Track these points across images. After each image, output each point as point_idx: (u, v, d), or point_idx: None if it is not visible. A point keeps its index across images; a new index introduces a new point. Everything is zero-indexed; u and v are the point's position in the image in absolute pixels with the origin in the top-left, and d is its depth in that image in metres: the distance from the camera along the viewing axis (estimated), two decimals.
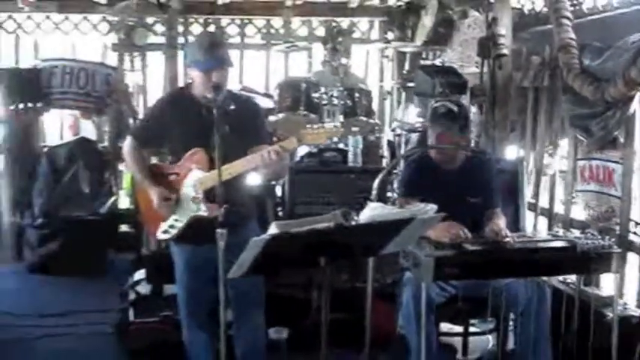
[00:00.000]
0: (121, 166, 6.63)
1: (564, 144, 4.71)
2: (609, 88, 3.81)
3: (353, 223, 2.76)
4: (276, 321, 4.13)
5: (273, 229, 2.64)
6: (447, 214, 3.00)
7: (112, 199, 6.47)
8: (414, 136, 5.72)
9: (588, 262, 3.39)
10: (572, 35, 4.32)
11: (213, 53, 3.48)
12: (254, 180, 3.70)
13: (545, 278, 3.73)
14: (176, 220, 3.56)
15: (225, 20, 7.01)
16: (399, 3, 6.88)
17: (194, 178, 3.50)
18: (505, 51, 4.95)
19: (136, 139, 3.69)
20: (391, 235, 2.96)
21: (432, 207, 2.96)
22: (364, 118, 5.35)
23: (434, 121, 3.74)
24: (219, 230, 3.12)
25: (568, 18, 4.36)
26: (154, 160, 4.05)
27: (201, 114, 3.52)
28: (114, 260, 6.10)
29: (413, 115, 5.99)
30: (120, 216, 6.42)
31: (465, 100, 5.17)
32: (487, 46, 4.99)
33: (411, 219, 2.92)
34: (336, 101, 5.16)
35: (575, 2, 4.79)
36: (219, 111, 3.36)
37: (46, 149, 6.51)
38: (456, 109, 3.69)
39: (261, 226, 3.64)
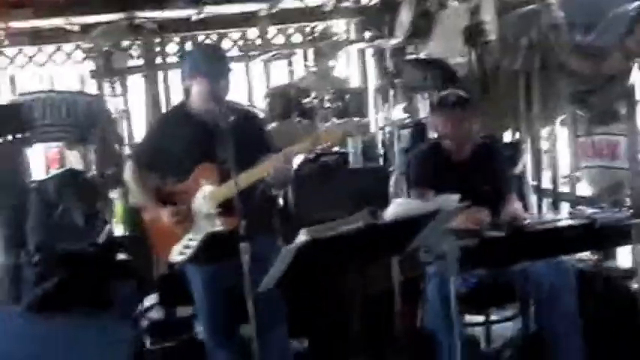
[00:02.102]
0: (112, 194, 6.52)
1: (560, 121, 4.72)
2: (607, 62, 3.82)
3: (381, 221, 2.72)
4: (295, 331, 4.07)
5: (303, 236, 2.58)
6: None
7: (107, 228, 6.34)
8: (406, 132, 5.69)
9: (609, 236, 3.39)
10: (561, 13, 4.33)
11: (215, 63, 3.43)
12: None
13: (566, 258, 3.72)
14: (190, 240, 3.48)
15: (200, 37, 6.93)
16: (374, 1, 6.87)
17: (205, 193, 3.43)
18: (492, 37, 4.95)
19: (138, 163, 3.62)
20: (418, 229, 2.93)
21: (455, 197, 2.93)
22: (357, 119, 5.31)
23: (444, 110, 3.70)
24: (242, 244, 3.05)
25: None
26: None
27: (204, 128, 3.46)
28: (116, 290, 5.97)
29: (399, 111, 5.98)
30: (117, 244, 6.29)
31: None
32: (472, 34, 5.00)
33: (437, 211, 2.90)
34: (328, 105, 5.12)
35: None
36: (224, 122, 3.31)
37: (34, 184, 6.37)
38: (465, 95, 3.69)
39: (270, 237, 3.59)
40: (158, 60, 6.67)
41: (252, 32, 7.02)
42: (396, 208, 2.81)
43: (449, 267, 3.22)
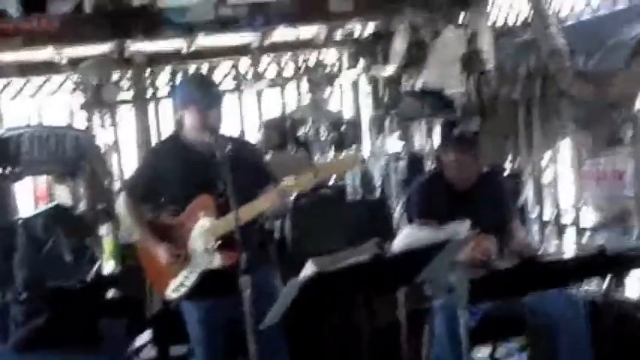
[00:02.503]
0: (102, 230, 6.37)
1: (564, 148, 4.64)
2: (611, 87, 3.76)
3: (389, 253, 2.60)
4: None
5: (310, 269, 2.45)
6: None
7: (97, 264, 6.17)
8: (402, 164, 5.61)
9: (620, 263, 3.29)
10: (562, 40, 4.28)
11: (208, 92, 3.32)
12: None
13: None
14: (186, 277, 3.33)
15: (191, 68, 6.83)
16: (367, 33, 6.81)
17: (203, 227, 3.29)
18: (489, 66, 4.89)
19: (131, 196, 3.47)
20: (427, 260, 2.81)
21: (465, 225, 2.82)
22: (352, 151, 5.21)
23: (458, 147, 3.64)
24: (243, 278, 2.91)
25: (554, 24, 4.32)
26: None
27: (200, 159, 3.33)
28: (106, 328, 5.78)
29: (393, 140, 5.90)
30: (107, 281, 6.12)
31: (454, 117, 5.10)
32: (469, 62, 4.94)
33: (447, 241, 2.78)
34: (324, 135, 5.02)
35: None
36: (221, 152, 3.19)
37: (21, 221, 6.20)
38: (476, 130, 3.64)
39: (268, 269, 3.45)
40: (149, 92, 6.54)
41: (244, 63, 6.92)
42: (405, 238, 2.70)
43: (458, 300, 3.09)
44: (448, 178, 3.72)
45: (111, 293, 6.17)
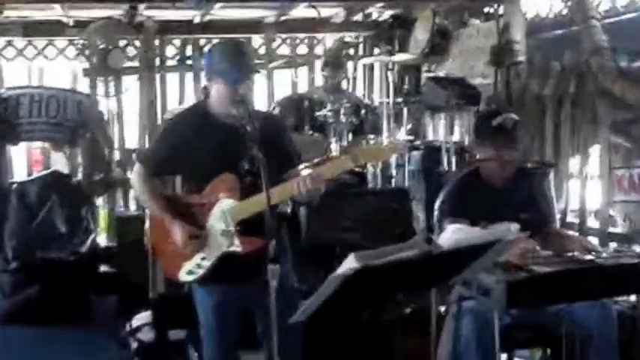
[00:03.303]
0: (98, 202, 6.12)
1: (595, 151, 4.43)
2: None
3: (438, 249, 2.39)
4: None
5: (351, 262, 2.23)
6: None
7: (91, 237, 5.91)
8: (416, 154, 5.38)
9: None
10: (604, 37, 4.07)
11: (240, 63, 3.06)
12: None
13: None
14: (203, 259, 3.10)
15: (202, 40, 6.56)
16: (385, 17, 6.58)
17: (224, 208, 3.05)
18: (521, 58, 4.68)
19: (147, 167, 3.21)
20: (472, 260, 2.61)
21: (515, 226, 2.62)
22: (372, 136, 4.96)
23: (500, 135, 3.39)
24: (271, 267, 2.68)
25: (596, 19, 4.11)
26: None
27: (227, 133, 3.09)
28: (98, 303, 5.54)
29: (403, 132, 5.69)
30: (101, 255, 5.87)
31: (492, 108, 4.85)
32: (501, 54, 4.72)
33: (495, 242, 2.58)
34: (343, 119, 4.77)
35: None
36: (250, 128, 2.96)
37: (15, 186, 5.92)
38: (514, 123, 3.39)
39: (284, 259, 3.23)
40: (157, 62, 6.28)
41: (257, 40, 6.66)
42: (455, 234, 2.48)
43: (495, 304, 2.91)
44: (485, 174, 3.51)
45: (103, 268, 5.95)
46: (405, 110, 5.58)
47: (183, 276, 3.16)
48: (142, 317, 4.40)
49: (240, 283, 3.12)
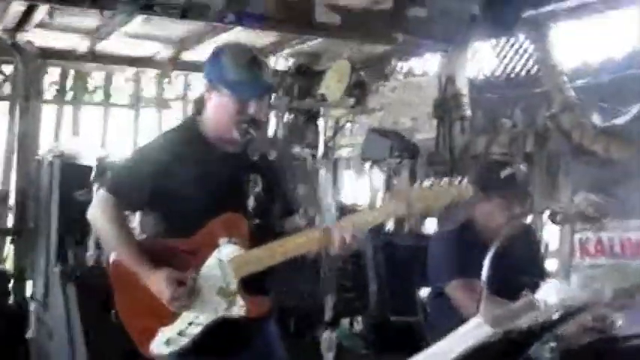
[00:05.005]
0: None
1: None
2: None
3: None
4: None
5: (485, 327, 1.70)
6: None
7: None
8: None
9: None
10: (573, 94, 3.92)
11: (257, 74, 2.43)
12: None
13: None
14: (190, 324, 2.37)
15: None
16: (286, 67, 6.16)
17: (224, 257, 2.37)
18: (468, 112, 4.45)
19: (117, 196, 2.42)
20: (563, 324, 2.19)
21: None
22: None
23: (504, 187, 3.03)
24: (327, 334, 2.08)
25: (566, 76, 3.97)
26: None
27: (226, 163, 2.45)
28: None
29: None
30: None
31: (420, 166, 4.56)
32: (446, 108, 4.48)
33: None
34: None
35: None
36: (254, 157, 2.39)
37: None
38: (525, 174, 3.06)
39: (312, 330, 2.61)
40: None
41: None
42: (560, 294, 2.04)
43: None
44: (481, 227, 3.14)
45: None
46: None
47: (158, 347, 2.39)
48: None
49: (235, 355, 2.44)
